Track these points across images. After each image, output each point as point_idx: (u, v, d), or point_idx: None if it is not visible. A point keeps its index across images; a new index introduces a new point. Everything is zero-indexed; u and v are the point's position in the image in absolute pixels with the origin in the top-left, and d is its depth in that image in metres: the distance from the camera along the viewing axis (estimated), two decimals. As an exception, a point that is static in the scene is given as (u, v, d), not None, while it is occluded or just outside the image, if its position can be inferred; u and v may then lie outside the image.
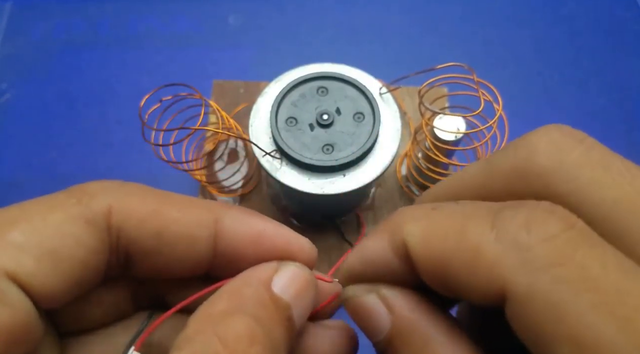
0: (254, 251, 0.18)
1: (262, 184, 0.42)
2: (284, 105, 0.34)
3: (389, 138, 0.33)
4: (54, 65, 0.52)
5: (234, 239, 0.18)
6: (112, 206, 0.17)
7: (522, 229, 0.13)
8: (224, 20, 0.55)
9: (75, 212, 0.16)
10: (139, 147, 0.47)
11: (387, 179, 0.42)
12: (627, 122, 0.49)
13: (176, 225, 0.17)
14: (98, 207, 0.16)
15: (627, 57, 0.53)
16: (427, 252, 0.15)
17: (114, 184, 0.18)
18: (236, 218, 0.18)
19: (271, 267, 0.18)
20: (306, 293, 0.18)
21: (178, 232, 0.17)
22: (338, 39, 0.54)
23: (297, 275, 0.18)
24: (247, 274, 0.18)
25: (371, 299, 0.16)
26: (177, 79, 0.33)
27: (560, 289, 0.12)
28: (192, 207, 0.18)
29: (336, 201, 0.35)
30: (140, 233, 0.17)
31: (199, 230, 0.18)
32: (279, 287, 0.17)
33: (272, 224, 0.19)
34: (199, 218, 0.18)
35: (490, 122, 0.31)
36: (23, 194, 0.48)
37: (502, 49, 0.53)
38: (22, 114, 0.50)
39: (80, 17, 0.55)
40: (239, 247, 0.18)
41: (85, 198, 0.17)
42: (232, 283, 0.17)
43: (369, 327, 0.16)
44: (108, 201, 0.17)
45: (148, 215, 0.17)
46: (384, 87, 0.34)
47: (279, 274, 0.18)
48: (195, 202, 0.18)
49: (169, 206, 0.17)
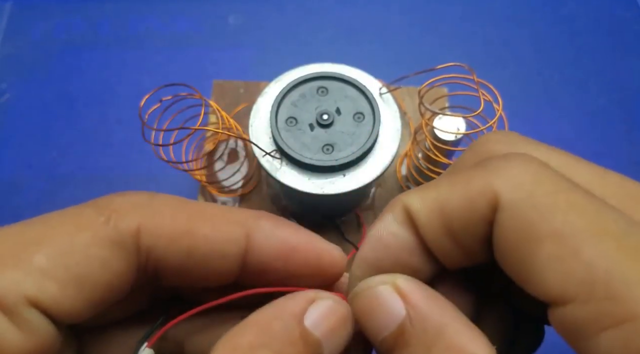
0: (284, 265, 0.18)
1: (262, 184, 0.42)
2: (284, 105, 0.34)
3: (389, 138, 0.33)
4: (54, 65, 0.52)
5: (264, 254, 0.18)
6: (141, 226, 0.16)
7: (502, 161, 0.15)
8: (224, 20, 0.55)
9: (103, 234, 0.16)
10: (139, 147, 0.47)
11: (387, 179, 0.42)
12: (627, 122, 0.49)
13: (207, 243, 0.17)
14: (127, 227, 0.16)
15: (627, 57, 0.53)
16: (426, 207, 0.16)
17: (143, 199, 0.17)
18: (267, 232, 0.18)
19: (307, 298, 0.17)
20: (341, 330, 0.17)
21: (209, 250, 0.17)
22: (338, 39, 0.54)
23: (333, 310, 0.17)
24: (280, 305, 0.17)
25: (385, 289, 0.16)
26: (177, 79, 0.33)
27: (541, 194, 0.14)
28: (223, 223, 0.17)
29: (336, 201, 0.35)
30: (171, 252, 0.17)
31: (229, 247, 0.17)
32: (312, 321, 0.17)
33: (303, 236, 0.18)
34: (230, 235, 0.17)
35: (491, 122, 0.31)
36: (23, 194, 0.48)
37: (502, 49, 0.53)
38: (22, 114, 0.50)
39: (80, 17, 0.55)
40: (269, 261, 0.18)
41: (113, 216, 0.16)
42: (264, 312, 0.17)
43: (380, 318, 0.16)
44: (137, 220, 0.16)
45: (178, 234, 0.17)
46: (384, 87, 0.34)
47: (314, 307, 0.17)
48: (226, 216, 0.18)
49: (200, 222, 0.17)
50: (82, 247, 0.15)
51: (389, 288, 0.16)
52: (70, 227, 0.15)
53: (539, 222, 0.14)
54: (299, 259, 0.18)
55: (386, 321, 0.16)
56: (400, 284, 0.16)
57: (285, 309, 0.17)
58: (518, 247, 0.14)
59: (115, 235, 0.16)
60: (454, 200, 0.16)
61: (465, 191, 0.16)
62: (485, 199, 0.15)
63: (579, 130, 0.49)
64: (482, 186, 0.15)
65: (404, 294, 0.16)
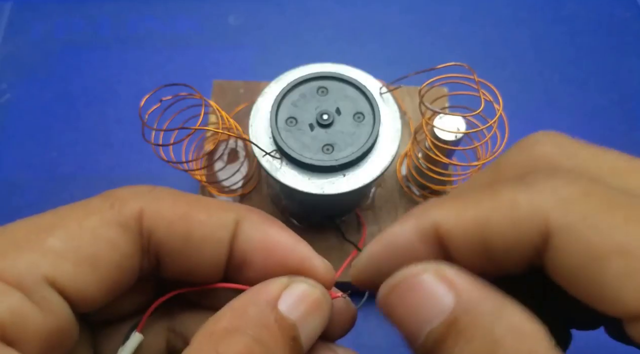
0: (264, 260, 0.18)
1: (262, 184, 0.42)
2: (284, 105, 0.34)
3: (389, 138, 0.33)
4: (54, 65, 0.52)
5: (247, 243, 0.18)
6: (143, 210, 0.17)
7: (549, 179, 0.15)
8: (224, 20, 0.55)
9: (109, 217, 0.17)
10: (139, 147, 0.47)
11: (387, 179, 0.42)
12: (627, 122, 0.49)
13: (202, 227, 0.18)
14: (130, 211, 0.17)
15: (627, 57, 0.53)
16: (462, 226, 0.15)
17: (144, 188, 0.18)
18: (255, 223, 0.18)
19: (280, 283, 0.17)
20: (317, 313, 0.17)
21: (204, 234, 0.18)
22: (338, 39, 0.54)
23: (307, 293, 0.17)
24: (254, 291, 0.17)
25: (428, 278, 0.15)
26: (177, 79, 0.33)
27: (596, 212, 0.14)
28: (216, 210, 0.18)
29: (336, 201, 0.35)
30: (170, 236, 0.17)
31: (221, 232, 0.18)
32: (286, 305, 0.17)
33: (290, 238, 0.19)
34: (222, 220, 0.18)
35: (491, 122, 0.31)
36: (23, 194, 0.48)
37: (502, 49, 0.53)
38: (22, 114, 0.50)
39: (80, 17, 0.55)
40: (251, 253, 0.18)
41: (117, 203, 0.17)
42: (239, 299, 0.17)
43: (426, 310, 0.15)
44: (139, 204, 0.17)
45: (177, 218, 0.17)
46: (384, 87, 0.34)
47: (288, 292, 0.17)
48: (221, 205, 0.18)
49: (196, 208, 0.18)
50: (91, 229, 0.16)
51: (434, 277, 0.15)
52: (79, 213, 0.16)
53: (601, 241, 0.13)
54: (279, 257, 0.18)
55: (433, 311, 0.15)
56: (447, 272, 0.15)
57: (259, 295, 0.17)
58: (581, 269, 0.14)
59: (120, 217, 0.17)
60: (496, 223, 0.15)
61: (511, 214, 0.15)
62: (534, 224, 0.14)
63: (579, 130, 0.49)
64: (531, 209, 0.14)
65: (451, 281, 0.15)
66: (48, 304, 0.15)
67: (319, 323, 0.18)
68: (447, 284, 0.15)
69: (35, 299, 0.15)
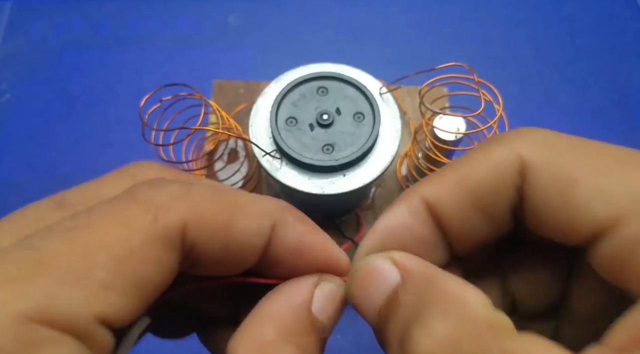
0: (295, 260, 0.18)
1: (262, 184, 0.42)
2: (284, 105, 0.34)
3: (389, 138, 0.33)
4: (54, 65, 0.52)
5: (282, 247, 0.18)
6: (187, 222, 0.16)
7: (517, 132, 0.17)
8: (224, 20, 0.55)
9: (153, 234, 0.15)
10: (139, 147, 0.47)
11: (387, 179, 0.42)
12: (627, 122, 0.49)
13: (242, 235, 0.17)
14: (174, 224, 0.15)
15: (627, 57, 0.53)
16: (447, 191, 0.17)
17: (182, 190, 0.16)
18: (290, 226, 0.18)
19: (312, 283, 0.18)
20: (340, 311, 0.18)
21: (243, 242, 0.17)
22: (338, 39, 0.54)
23: (335, 295, 0.18)
24: (288, 293, 0.18)
25: (380, 262, 0.17)
26: (177, 79, 0.33)
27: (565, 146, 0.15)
28: (255, 214, 0.17)
29: (336, 201, 0.35)
30: (210, 245, 0.16)
31: (259, 239, 0.17)
32: (318, 308, 0.17)
33: (320, 237, 0.19)
34: (260, 227, 0.17)
35: (491, 122, 0.31)
36: (23, 194, 0.48)
37: (502, 49, 0.53)
38: (22, 114, 0.50)
39: (80, 17, 0.55)
40: (284, 254, 0.18)
41: (160, 213, 0.15)
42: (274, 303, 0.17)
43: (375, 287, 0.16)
44: (182, 215, 0.16)
45: (219, 228, 0.16)
46: (384, 87, 0.34)
47: (319, 293, 0.18)
48: (257, 206, 0.18)
49: (235, 214, 0.17)
50: (137, 251, 0.15)
51: (385, 260, 0.17)
52: (121, 231, 0.15)
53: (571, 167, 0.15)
54: (310, 257, 0.18)
55: (382, 290, 0.16)
56: (397, 256, 0.17)
57: (295, 298, 0.17)
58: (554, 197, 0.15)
59: (165, 233, 0.15)
60: (478, 174, 0.16)
61: (489, 163, 0.16)
62: (512, 164, 0.16)
63: (579, 130, 0.49)
64: (506, 154, 0.16)
65: (399, 263, 0.16)
66: (99, 343, 0.14)
67: (339, 318, 0.18)
68: (394, 265, 0.16)
69: (88, 341, 0.14)
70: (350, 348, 0.40)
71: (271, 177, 0.32)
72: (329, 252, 0.19)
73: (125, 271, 0.14)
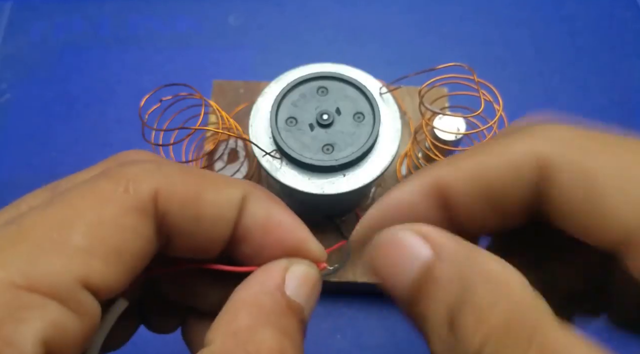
0: (263, 238, 0.18)
1: (262, 184, 0.42)
2: (284, 105, 0.34)
3: (389, 138, 0.33)
4: (54, 65, 0.52)
5: (251, 220, 0.18)
6: (158, 191, 0.16)
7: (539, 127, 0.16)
8: (224, 20, 0.55)
9: (127, 203, 0.16)
10: (139, 147, 0.47)
11: (387, 179, 0.42)
12: (627, 122, 0.49)
13: (212, 207, 0.17)
14: (147, 193, 0.16)
15: (627, 57, 0.53)
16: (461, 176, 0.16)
17: (152, 166, 0.17)
18: (259, 201, 0.18)
19: (282, 267, 0.18)
20: (315, 292, 0.18)
21: (213, 213, 0.17)
22: (338, 39, 0.54)
23: (308, 275, 0.18)
24: (260, 278, 0.17)
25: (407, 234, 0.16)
26: (177, 79, 0.33)
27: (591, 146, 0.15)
28: (225, 187, 0.18)
29: (336, 201, 0.35)
30: (182, 216, 0.17)
31: (230, 210, 0.17)
32: (292, 289, 0.17)
33: (290, 218, 0.19)
34: (230, 197, 0.17)
35: (491, 122, 0.31)
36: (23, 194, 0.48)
37: (502, 49, 0.53)
38: (22, 114, 0.50)
39: (80, 17, 0.55)
40: (253, 230, 0.18)
41: (131, 185, 0.16)
42: (247, 288, 0.17)
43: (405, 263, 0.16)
44: (153, 185, 0.16)
45: (189, 198, 0.17)
46: (384, 87, 0.34)
47: (291, 275, 0.18)
48: (228, 181, 0.18)
49: (206, 186, 0.17)
50: (112, 219, 0.15)
51: (412, 233, 0.16)
52: (94, 202, 0.15)
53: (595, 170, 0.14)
54: (279, 236, 0.18)
55: (412, 262, 0.15)
56: (426, 230, 0.16)
57: (267, 283, 0.17)
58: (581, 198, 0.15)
59: (137, 202, 0.16)
60: (495, 168, 0.16)
61: (508, 157, 0.16)
62: (532, 162, 0.15)
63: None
64: (526, 150, 0.16)
65: (428, 237, 0.16)
66: (83, 308, 0.14)
67: (316, 300, 0.18)
68: (423, 238, 0.16)
69: (72, 305, 0.14)
70: (350, 347, 0.40)
71: (271, 177, 0.32)
72: (298, 233, 0.19)
73: (102, 236, 0.15)
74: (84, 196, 0.16)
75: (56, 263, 0.14)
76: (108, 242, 0.15)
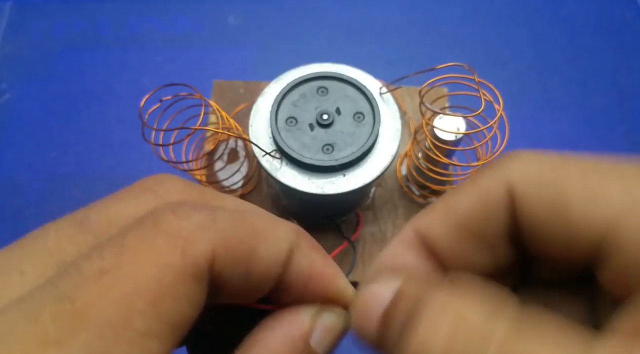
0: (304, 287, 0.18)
1: (262, 184, 0.42)
2: (284, 105, 0.34)
3: (389, 138, 0.33)
4: (54, 65, 0.52)
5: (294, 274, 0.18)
6: (214, 253, 0.15)
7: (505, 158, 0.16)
8: (224, 20, 0.55)
9: (184, 270, 0.15)
10: (139, 147, 0.47)
11: (387, 179, 0.42)
12: (627, 122, 0.49)
13: (263, 264, 0.17)
14: (203, 257, 0.15)
15: (627, 57, 0.53)
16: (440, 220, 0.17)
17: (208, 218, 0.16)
18: (304, 253, 0.18)
19: (313, 314, 0.18)
20: (337, 343, 0.18)
21: (262, 270, 0.17)
22: (338, 39, 0.54)
23: (336, 326, 0.18)
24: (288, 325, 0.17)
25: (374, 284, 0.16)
26: (177, 79, 0.33)
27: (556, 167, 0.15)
28: (274, 241, 0.17)
29: (336, 201, 0.35)
30: (233, 274, 0.16)
31: (277, 267, 0.17)
32: (316, 339, 0.17)
33: (331, 266, 0.19)
34: (279, 254, 0.17)
35: (491, 122, 0.31)
36: (23, 194, 0.48)
37: (502, 49, 0.53)
38: (22, 114, 0.50)
39: (80, 17, 0.55)
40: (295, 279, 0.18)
41: (188, 247, 0.15)
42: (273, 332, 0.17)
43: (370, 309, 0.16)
44: (209, 247, 0.15)
45: (243, 258, 0.16)
46: (384, 87, 0.34)
47: (319, 324, 0.18)
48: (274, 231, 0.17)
49: (256, 242, 0.17)
50: (169, 290, 0.14)
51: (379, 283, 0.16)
52: (152, 269, 0.14)
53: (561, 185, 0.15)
54: (318, 286, 0.18)
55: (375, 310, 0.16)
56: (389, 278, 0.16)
57: (293, 329, 0.17)
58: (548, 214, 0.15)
59: (194, 269, 0.15)
60: (467, 203, 0.16)
61: (478, 190, 0.16)
62: (499, 189, 0.16)
63: (579, 130, 0.49)
64: (495, 180, 0.16)
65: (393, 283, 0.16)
66: None
67: (336, 348, 0.18)
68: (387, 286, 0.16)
69: None
70: (350, 347, 0.40)
71: (271, 177, 0.32)
72: (337, 284, 0.19)
73: (160, 313, 0.14)
74: (140, 261, 0.15)
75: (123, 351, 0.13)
76: (165, 319, 0.14)
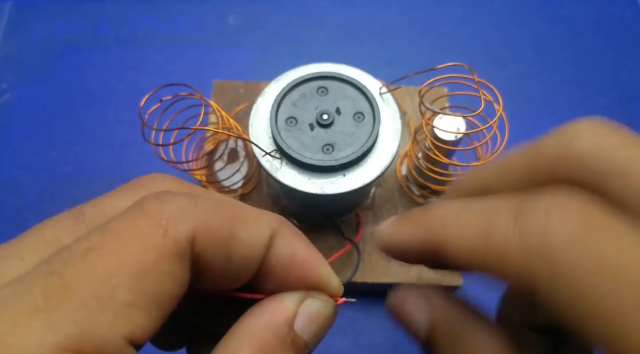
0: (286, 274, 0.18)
1: (262, 184, 0.42)
2: (284, 105, 0.34)
3: (389, 138, 0.33)
4: (54, 65, 0.52)
5: (276, 259, 0.18)
6: (195, 234, 0.16)
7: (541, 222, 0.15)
8: (224, 20, 0.55)
9: (166, 248, 0.15)
10: (139, 147, 0.47)
11: (387, 179, 0.42)
12: (627, 122, 0.49)
13: (244, 247, 0.17)
14: (184, 237, 0.16)
15: (627, 57, 0.53)
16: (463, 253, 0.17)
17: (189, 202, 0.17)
18: (286, 238, 0.18)
19: (296, 299, 0.18)
20: (324, 330, 0.18)
21: (244, 253, 0.17)
22: (338, 39, 0.54)
23: (321, 311, 0.18)
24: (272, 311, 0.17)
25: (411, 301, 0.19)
26: (177, 79, 0.33)
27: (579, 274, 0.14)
28: (256, 225, 0.18)
29: (336, 201, 0.35)
30: (215, 256, 0.17)
31: (258, 250, 0.17)
32: (300, 325, 0.17)
33: (314, 255, 0.19)
34: (260, 237, 0.17)
35: (491, 122, 0.31)
36: (23, 194, 0.48)
37: (502, 49, 0.53)
38: (22, 114, 0.50)
39: (80, 17, 0.55)
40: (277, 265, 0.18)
41: (170, 228, 0.16)
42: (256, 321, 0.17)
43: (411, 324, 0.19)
44: (190, 228, 0.16)
45: (224, 239, 0.17)
46: (384, 87, 0.34)
47: (303, 309, 0.18)
48: (258, 218, 0.18)
49: (238, 225, 0.17)
50: (153, 266, 0.15)
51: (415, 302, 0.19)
52: (136, 248, 0.15)
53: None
54: (301, 272, 0.18)
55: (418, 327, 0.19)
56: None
57: (277, 315, 0.17)
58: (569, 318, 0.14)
59: (175, 247, 0.16)
60: None
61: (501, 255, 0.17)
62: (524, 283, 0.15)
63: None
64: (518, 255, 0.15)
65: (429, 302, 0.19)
66: None
67: (322, 337, 0.18)
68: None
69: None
70: (350, 347, 0.40)
71: (271, 177, 0.32)
72: (320, 270, 0.19)
73: (144, 287, 0.15)
74: (124, 239, 0.15)
75: (103, 323, 0.14)
76: (149, 292, 0.15)
